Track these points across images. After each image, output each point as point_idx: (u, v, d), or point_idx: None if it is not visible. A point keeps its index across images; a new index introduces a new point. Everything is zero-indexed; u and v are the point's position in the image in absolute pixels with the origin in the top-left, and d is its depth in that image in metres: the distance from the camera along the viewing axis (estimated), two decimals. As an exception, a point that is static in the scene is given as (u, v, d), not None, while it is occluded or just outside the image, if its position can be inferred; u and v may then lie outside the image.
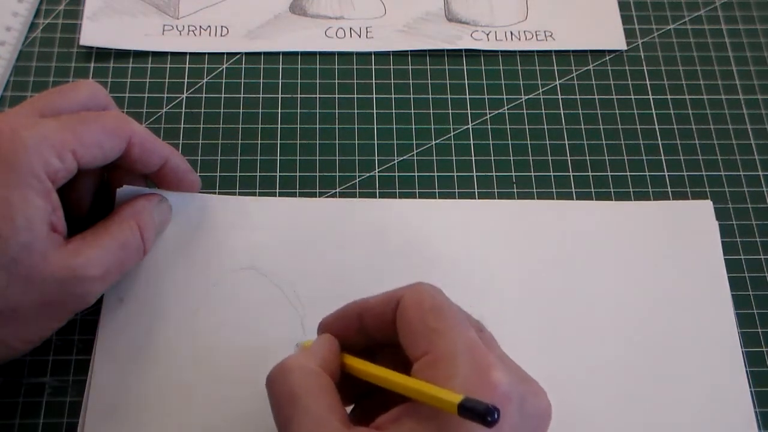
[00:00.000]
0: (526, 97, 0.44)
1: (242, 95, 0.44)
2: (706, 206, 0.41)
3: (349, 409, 0.30)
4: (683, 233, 0.40)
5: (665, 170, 0.42)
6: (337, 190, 0.41)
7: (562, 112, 0.44)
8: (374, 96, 0.44)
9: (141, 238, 0.34)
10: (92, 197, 0.37)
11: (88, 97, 0.34)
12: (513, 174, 0.42)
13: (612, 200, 0.41)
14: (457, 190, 0.41)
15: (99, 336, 0.36)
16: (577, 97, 0.44)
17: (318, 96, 0.44)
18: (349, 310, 0.31)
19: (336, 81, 0.44)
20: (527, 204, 0.41)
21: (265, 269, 0.38)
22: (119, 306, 0.36)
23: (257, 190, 0.41)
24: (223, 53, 0.45)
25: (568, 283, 0.39)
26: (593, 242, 0.40)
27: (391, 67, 0.45)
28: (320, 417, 0.26)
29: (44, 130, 0.31)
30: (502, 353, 0.29)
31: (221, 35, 0.45)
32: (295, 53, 0.45)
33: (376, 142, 0.43)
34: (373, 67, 0.45)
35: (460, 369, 0.26)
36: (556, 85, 0.45)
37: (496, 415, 0.23)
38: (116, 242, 0.33)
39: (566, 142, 0.43)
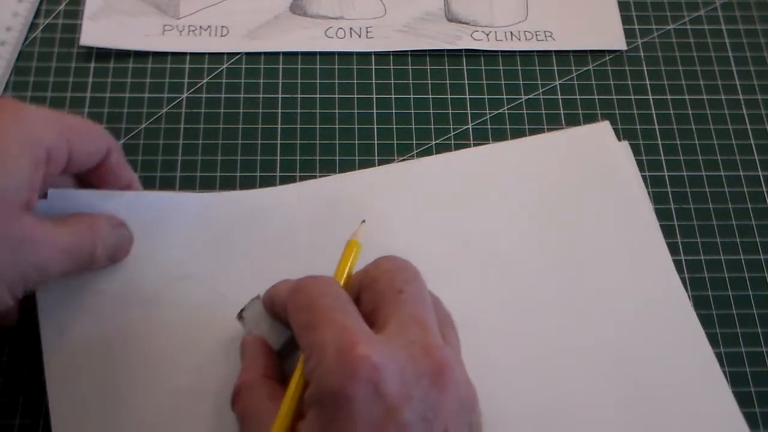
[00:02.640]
0: (526, 97, 0.44)
1: (242, 95, 0.44)
2: (605, 127, 0.43)
3: None
4: (586, 156, 0.41)
5: (665, 170, 0.42)
6: (337, 190, 0.41)
7: (562, 112, 0.44)
8: (374, 96, 0.44)
9: (94, 243, 0.34)
10: None
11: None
12: (513, 174, 0.42)
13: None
14: (457, 190, 0.41)
15: (45, 360, 0.35)
16: (577, 97, 0.44)
17: (318, 96, 0.44)
18: (268, 300, 0.33)
19: (336, 81, 0.44)
20: (435, 159, 0.42)
21: (199, 275, 0.37)
22: (60, 334, 0.35)
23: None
24: (223, 53, 0.45)
25: (488, 226, 0.39)
26: (503, 182, 0.41)
27: (391, 67, 0.45)
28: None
29: (46, 112, 0.32)
30: (404, 317, 0.28)
31: (221, 35, 0.45)
32: (295, 53, 0.45)
33: (376, 142, 0.43)
34: (373, 67, 0.45)
35: (328, 355, 0.26)
36: (556, 85, 0.45)
37: None
38: (72, 230, 0.33)
39: (566, 142, 0.43)
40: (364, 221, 0.34)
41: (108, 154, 0.34)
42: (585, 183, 0.41)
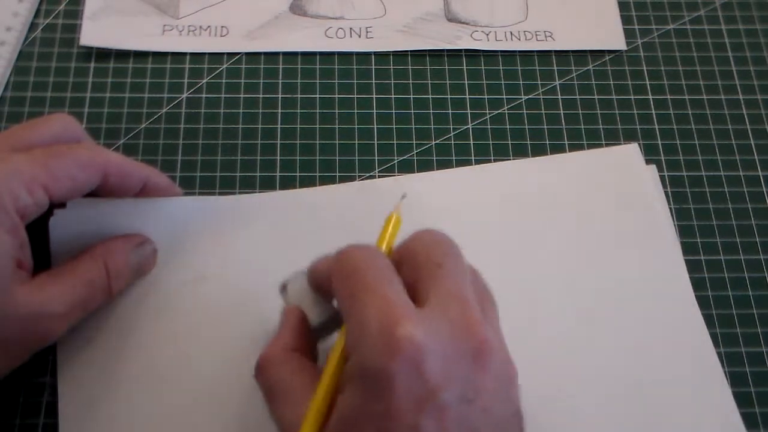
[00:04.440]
0: (526, 97, 0.44)
1: (242, 95, 0.44)
2: (633, 149, 0.42)
3: None
4: (614, 178, 0.41)
5: (665, 170, 0.42)
6: (337, 190, 0.41)
7: (562, 112, 0.44)
8: (374, 96, 0.44)
9: (107, 278, 0.34)
10: None
11: (61, 129, 0.34)
12: (513, 174, 0.42)
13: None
14: (457, 190, 0.41)
15: (59, 361, 0.35)
16: (577, 97, 0.44)
17: (318, 96, 0.44)
18: (314, 275, 0.32)
19: (336, 81, 0.44)
20: (458, 172, 0.41)
21: (216, 276, 0.37)
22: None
23: (257, 190, 0.41)
24: (223, 53, 0.45)
25: (510, 245, 0.39)
26: (526, 201, 0.40)
27: (391, 67, 0.45)
28: (300, 403, 0.28)
29: (14, 164, 0.30)
30: (449, 291, 0.28)
31: (221, 35, 0.45)
32: (295, 53, 0.45)
33: (376, 142, 0.43)
34: (373, 67, 0.45)
35: (371, 329, 0.26)
36: (556, 85, 0.45)
37: None
38: (81, 280, 0.33)
39: (566, 142, 0.43)
40: (404, 196, 0.33)
41: (105, 176, 0.33)
42: (609, 205, 0.40)
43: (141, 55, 0.44)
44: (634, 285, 0.38)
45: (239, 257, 0.38)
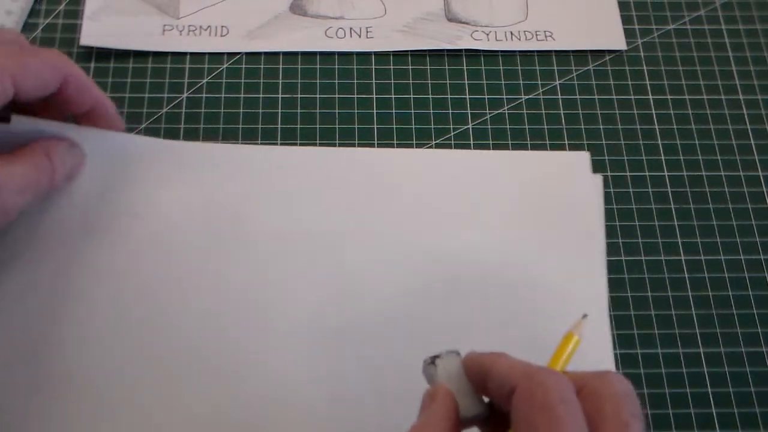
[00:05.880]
0: (526, 97, 0.44)
1: (242, 95, 0.44)
2: (584, 156, 0.42)
3: None
4: (559, 182, 0.41)
5: (665, 170, 0.42)
6: (338, 190, 0.41)
7: (562, 112, 0.44)
8: (374, 96, 0.44)
9: (52, 165, 0.35)
10: None
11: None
12: (513, 174, 0.42)
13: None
14: (457, 191, 0.41)
15: None
16: (577, 97, 0.44)
17: (318, 96, 0.44)
18: (475, 365, 0.29)
19: (336, 81, 0.44)
20: (404, 153, 0.42)
21: (148, 215, 0.38)
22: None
23: (257, 191, 0.41)
24: (223, 53, 0.45)
25: (434, 233, 0.39)
26: (466, 192, 0.40)
27: (391, 67, 0.45)
28: None
29: None
30: None
31: (221, 35, 0.45)
32: (295, 53, 0.45)
33: (376, 142, 0.43)
34: (373, 67, 0.45)
35: None
36: (556, 85, 0.45)
37: None
38: (30, 163, 0.34)
39: (566, 142, 0.43)
40: (586, 315, 0.31)
41: (65, 84, 0.35)
42: (547, 207, 0.40)
43: (141, 55, 0.44)
44: (551, 282, 0.38)
45: (173, 200, 0.39)
